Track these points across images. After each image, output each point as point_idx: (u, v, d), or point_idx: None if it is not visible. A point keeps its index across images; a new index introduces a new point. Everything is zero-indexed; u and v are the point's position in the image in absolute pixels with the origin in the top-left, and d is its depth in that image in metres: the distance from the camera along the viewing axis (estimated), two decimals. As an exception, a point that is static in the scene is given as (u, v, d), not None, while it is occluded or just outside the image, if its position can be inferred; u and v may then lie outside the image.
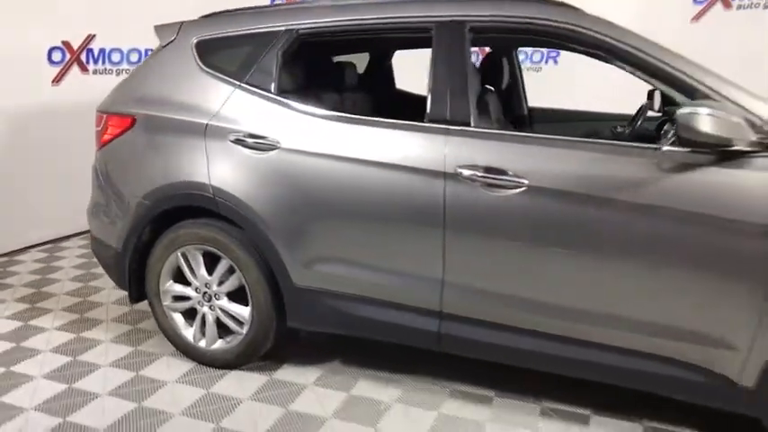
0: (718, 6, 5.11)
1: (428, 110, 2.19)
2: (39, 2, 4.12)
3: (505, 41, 3.01)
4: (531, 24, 2.13)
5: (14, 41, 4.04)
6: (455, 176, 2.09)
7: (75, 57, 4.45)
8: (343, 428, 2.24)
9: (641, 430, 2.23)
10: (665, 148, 1.90)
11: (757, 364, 1.85)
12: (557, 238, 2.02)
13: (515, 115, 3.42)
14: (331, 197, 2.30)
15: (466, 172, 2.07)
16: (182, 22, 2.73)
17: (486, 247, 2.12)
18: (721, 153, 1.81)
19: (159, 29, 2.77)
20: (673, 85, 1.97)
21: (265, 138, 2.37)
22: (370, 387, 2.52)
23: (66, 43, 4.39)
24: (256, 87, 2.45)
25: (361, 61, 3.47)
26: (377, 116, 2.32)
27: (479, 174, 2.06)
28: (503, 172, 2.04)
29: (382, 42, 2.55)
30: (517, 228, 2.05)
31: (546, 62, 5.89)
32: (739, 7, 5.03)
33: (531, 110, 3.49)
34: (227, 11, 2.74)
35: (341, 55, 3.38)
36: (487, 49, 3.14)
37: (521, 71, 3.42)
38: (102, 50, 4.58)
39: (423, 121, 2.20)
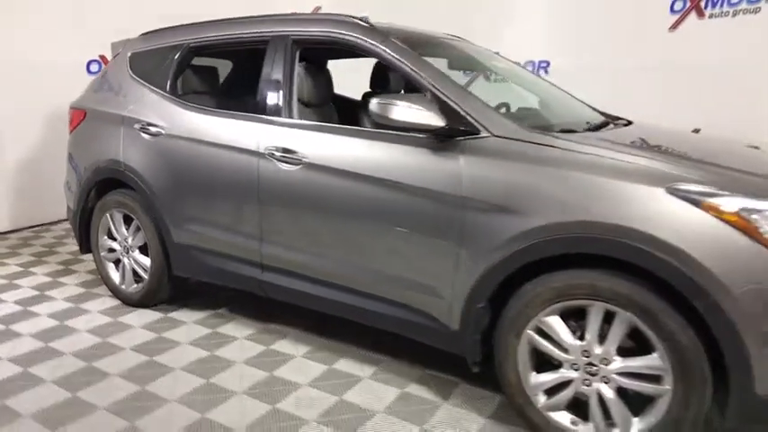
0: (693, 16, 5.15)
1: (256, 103, 2.80)
2: (81, 23, 5.26)
3: (324, 52, 3.48)
4: (335, 38, 2.66)
5: (61, 55, 5.19)
6: (264, 155, 2.68)
7: (108, 68, 5.53)
8: (191, 351, 2.89)
9: (419, 376, 2.66)
10: (407, 134, 2.34)
11: (458, 310, 2.24)
12: (325, 203, 2.53)
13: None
14: (191, 170, 2.97)
15: (270, 152, 2.66)
16: (128, 39, 3.56)
17: (283, 210, 2.68)
18: (434, 137, 2.24)
19: (113, 44, 3.63)
20: (419, 87, 2.39)
21: (157, 125, 3.10)
22: (233, 329, 3.16)
23: (102, 56, 5.48)
24: (157, 87, 3.20)
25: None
26: (240, 111, 2.96)
27: (278, 153, 2.63)
28: (293, 152, 2.60)
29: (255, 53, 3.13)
30: (300, 195, 2.59)
31: (537, 72, 6.16)
32: (711, 16, 5.05)
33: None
34: (159, 29, 3.51)
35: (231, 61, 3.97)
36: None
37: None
38: (130, 63, 5.62)
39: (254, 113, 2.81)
